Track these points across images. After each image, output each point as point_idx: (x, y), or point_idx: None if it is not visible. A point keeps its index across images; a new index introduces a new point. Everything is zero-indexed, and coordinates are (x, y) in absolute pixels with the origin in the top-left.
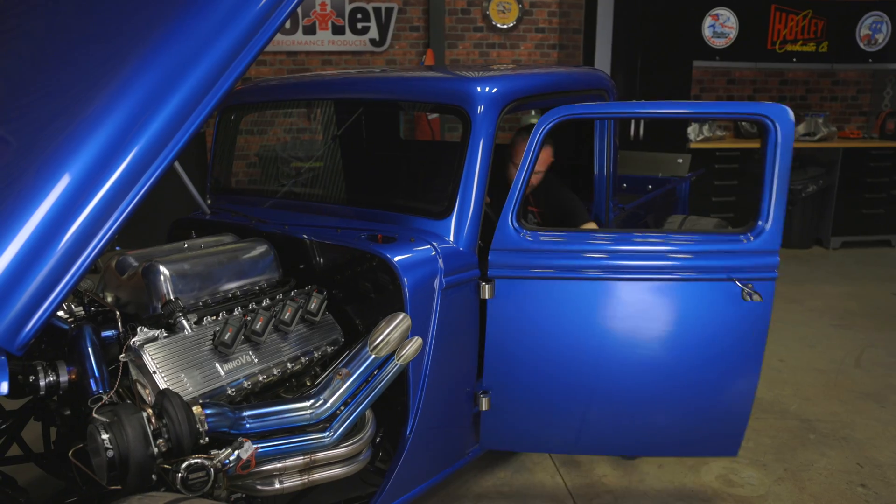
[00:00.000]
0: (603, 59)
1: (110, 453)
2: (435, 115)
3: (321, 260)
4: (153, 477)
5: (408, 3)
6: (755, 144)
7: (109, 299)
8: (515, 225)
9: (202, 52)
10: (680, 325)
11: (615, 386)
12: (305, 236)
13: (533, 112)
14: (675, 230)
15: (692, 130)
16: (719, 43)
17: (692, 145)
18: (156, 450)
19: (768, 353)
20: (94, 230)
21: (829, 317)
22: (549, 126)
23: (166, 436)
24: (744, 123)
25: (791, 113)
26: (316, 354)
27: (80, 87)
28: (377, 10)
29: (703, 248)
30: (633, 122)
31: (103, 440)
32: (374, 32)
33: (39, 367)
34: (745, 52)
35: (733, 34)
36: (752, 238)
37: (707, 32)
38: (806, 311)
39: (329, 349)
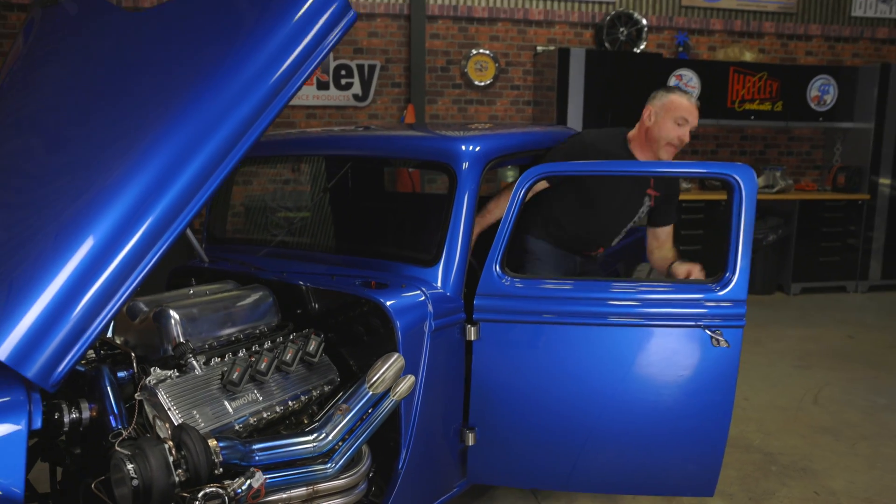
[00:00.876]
0: (575, 116)
1: (135, 482)
2: (408, 168)
3: (317, 305)
4: None
5: (390, 60)
6: (719, 196)
7: (119, 342)
8: (499, 271)
9: (218, 125)
10: (655, 369)
11: (595, 426)
12: (302, 283)
13: (509, 168)
14: (643, 278)
15: None
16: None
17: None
18: (176, 479)
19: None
20: (120, 282)
21: (790, 358)
22: (530, 182)
23: (185, 466)
24: None
25: (754, 173)
26: (314, 393)
27: (119, 142)
28: (360, 67)
29: (675, 296)
30: None
31: (129, 470)
32: (357, 88)
33: (63, 405)
34: (706, 110)
35: (696, 93)
36: (719, 289)
37: None
38: (769, 353)
39: (326, 388)
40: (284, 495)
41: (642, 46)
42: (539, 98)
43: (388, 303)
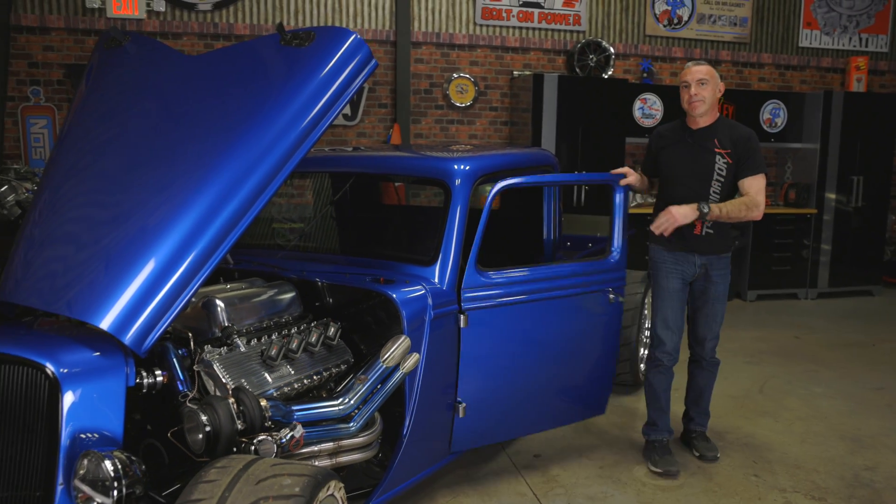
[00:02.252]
0: (549, 135)
1: (207, 429)
2: (400, 183)
3: (332, 299)
4: (234, 448)
5: (377, 83)
6: None
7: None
8: (477, 268)
9: (258, 165)
10: (581, 324)
11: (546, 378)
12: (319, 280)
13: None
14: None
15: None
16: (648, 122)
17: (630, 210)
18: (239, 426)
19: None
20: (193, 273)
21: (742, 355)
22: (497, 191)
23: (243, 418)
24: None
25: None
26: (333, 371)
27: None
28: None
29: (588, 269)
30: (575, 189)
31: (202, 420)
32: (347, 108)
33: (144, 372)
34: None
35: (659, 115)
36: (611, 260)
37: (637, 114)
38: (723, 352)
39: (342, 367)
40: (315, 448)
41: (610, 72)
42: (515, 119)
43: (395, 295)
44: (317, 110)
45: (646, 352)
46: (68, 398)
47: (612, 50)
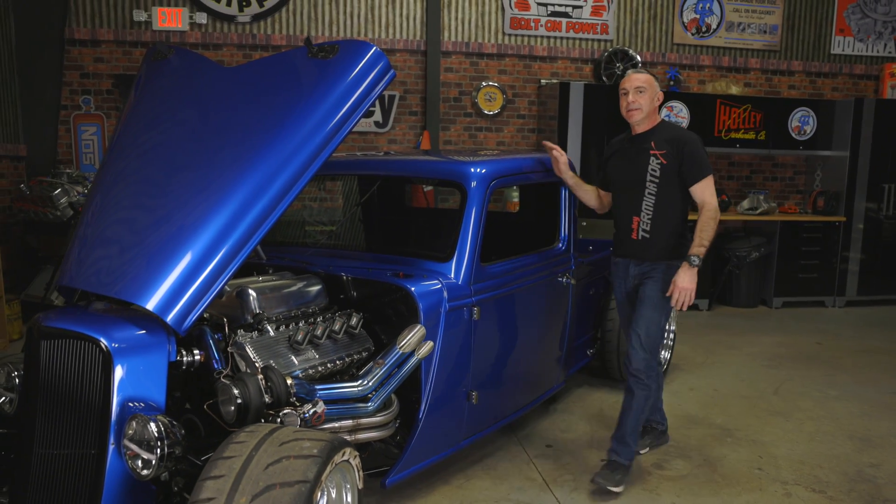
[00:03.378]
0: (574, 142)
1: (238, 401)
2: (430, 188)
3: (355, 292)
4: (262, 420)
5: (408, 91)
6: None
7: (209, 313)
8: (479, 262)
9: (285, 167)
10: (549, 304)
11: (534, 355)
12: (343, 274)
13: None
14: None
15: None
16: None
17: None
18: (266, 399)
19: (704, 383)
20: (227, 262)
21: (761, 359)
22: (492, 190)
23: (271, 393)
24: None
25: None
26: (354, 357)
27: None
28: (381, 97)
29: (549, 257)
30: None
31: (234, 393)
32: (378, 116)
33: (184, 350)
34: None
35: (685, 123)
36: (560, 247)
37: None
38: (742, 356)
39: (363, 354)
40: (336, 424)
41: None
42: (542, 126)
43: (413, 288)
44: (339, 116)
45: (663, 353)
46: (119, 369)
47: (639, 58)
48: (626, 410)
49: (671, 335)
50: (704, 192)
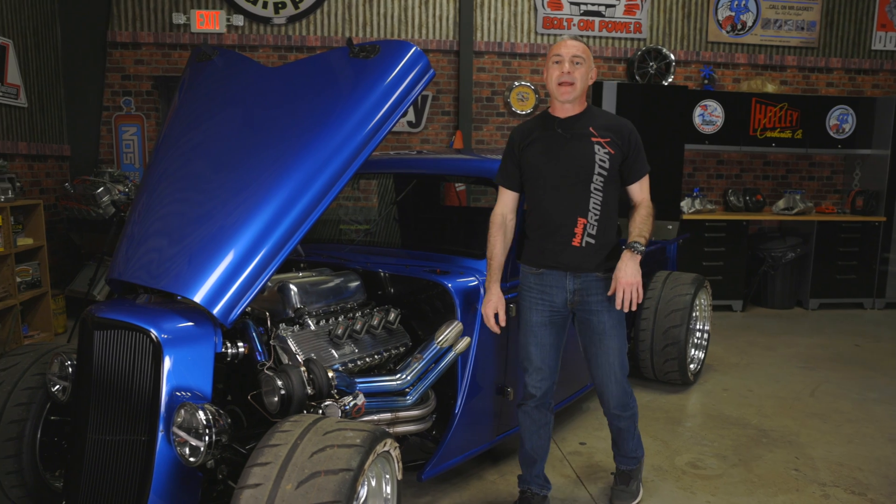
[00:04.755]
0: None
1: (282, 392)
2: (463, 187)
3: (393, 288)
4: (304, 411)
5: (441, 91)
6: (741, 216)
7: (251, 307)
8: (514, 262)
9: (325, 166)
10: None
11: (565, 357)
12: (381, 270)
13: None
14: (659, 284)
15: (685, 204)
16: (708, 129)
17: (685, 216)
18: (309, 391)
19: (739, 383)
20: (270, 259)
21: (797, 361)
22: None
23: (313, 384)
24: (731, 198)
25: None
26: (392, 352)
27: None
28: None
29: None
30: None
31: (278, 384)
32: (411, 116)
33: (229, 343)
34: (730, 138)
35: (720, 122)
36: None
37: (697, 120)
38: (778, 357)
39: (401, 349)
40: (375, 417)
41: (670, 79)
42: None
43: (450, 285)
44: (380, 116)
45: (696, 352)
46: (168, 359)
47: (672, 57)
48: (621, 431)
49: (705, 335)
50: (645, 190)
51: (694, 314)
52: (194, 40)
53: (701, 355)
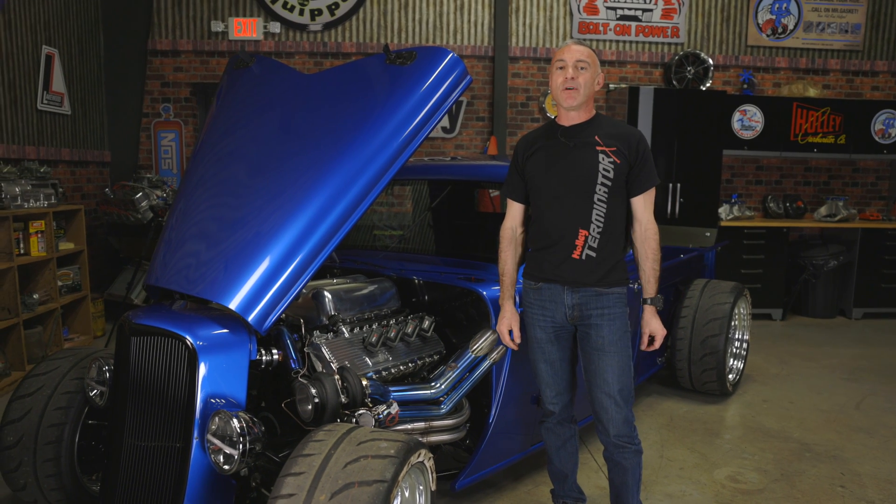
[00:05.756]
0: None
1: (316, 400)
2: (497, 194)
3: (427, 295)
4: (338, 420)
5: (475, 97)
6: (781, 223)
7: (285, 314)
8: None
9: (362, 173)
10: None
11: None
12: (416, 277)
13: None
14: (697, 292)
15: (723, 210)
16: (747, 134)
17: (723, 223)
18: (343, 399)
19: (779, 395)
20: (305, 267)
21: (840, 372)
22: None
23: (347, 393)
24: (770, 205)
25: None
26: (426, 360)
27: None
28: None
29: None
30: (670, 201)
31: (312, 392)
32: (445, 121)
33: (263, 350)
34: (770, 143)
35: (759, 127)
36: (630, 253)
37: (736, 125)
38: (820, 368)
39: (435, 357)
40: (409, 426)
41: (708, 84)
42: None
43: (485, 293)
44: (417, 122)
45: (735, 362)
46: (203, 366)
47: (710, 61)
48: (621, 487)
49: (744, 345)
50: (648, 205)
51: (733, 323)
52: (232, 47)
53: (740, 365)
